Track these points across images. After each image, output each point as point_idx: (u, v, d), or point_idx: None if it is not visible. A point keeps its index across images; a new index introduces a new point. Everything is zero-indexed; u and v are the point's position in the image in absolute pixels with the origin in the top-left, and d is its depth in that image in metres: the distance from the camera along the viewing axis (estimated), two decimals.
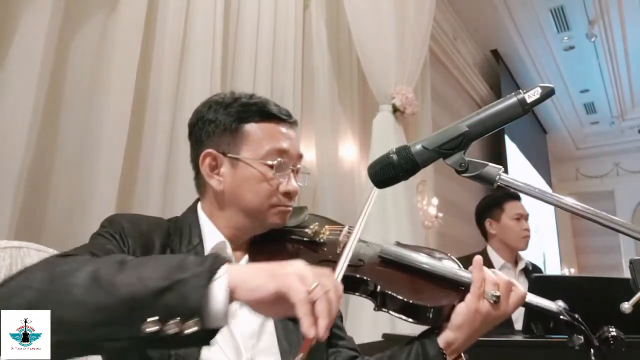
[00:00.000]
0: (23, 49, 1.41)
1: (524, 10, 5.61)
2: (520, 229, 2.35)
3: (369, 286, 0.90)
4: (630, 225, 0.66)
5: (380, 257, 0.96)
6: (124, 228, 0.87)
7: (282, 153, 0.95)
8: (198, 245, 0.92)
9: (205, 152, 0.95)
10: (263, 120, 0.96)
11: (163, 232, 0.92)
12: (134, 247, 0.85)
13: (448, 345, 0.86)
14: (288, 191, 0.96)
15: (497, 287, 0.85)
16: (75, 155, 1.59)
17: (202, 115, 0.98)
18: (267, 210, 0.95)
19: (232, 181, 0.94)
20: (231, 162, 0.95)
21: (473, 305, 0.84)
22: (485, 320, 0.85)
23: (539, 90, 0.73)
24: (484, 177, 0.74)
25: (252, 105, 0.96)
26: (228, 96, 1.00)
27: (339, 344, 1.02)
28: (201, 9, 2.06)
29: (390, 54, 2.88)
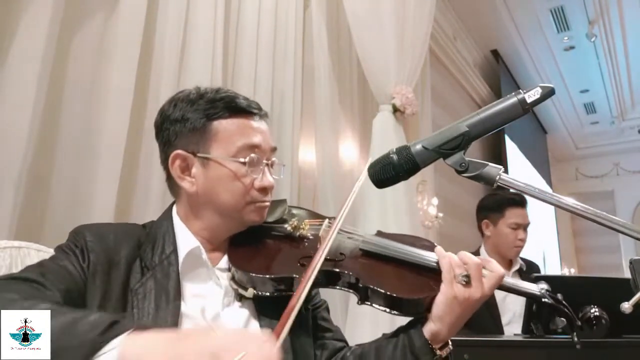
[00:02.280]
0: (23, 49, 1.41)
1: (524, 10, 5.61)
2: (514, 238, 2.29)
3: (350, 280, 0.89)
4: (630, 225, 0.66)
5: (362, 250, 0.94)
6: (87, 242, 0.84)
7: (254, 148, 0.92)
8: (171, 254, 0.89)
9: (175, 153, 0.92)
10: (232, 116, 0.93)
11: (133, 243, 0.88)
12: (95, 263, 0.82)
13: (433, 335, 0.86)
14: (264, 187, 0.93)
15: (465, 268, 0.84)
16: (75, 155, 1.59)
17: (168, 115, 0.95)
18: (244, 208, 0.92)
19: (205, 182, 0.91)
20: (202, 162, 0.91)
21: (448, 292, 0.84)
22: (464, 305, 0.84)
23: (539, 90, 0.73)
24: (484, 177, 0.74)
25: (219, 101, 0.93)
26: (193, 92, 0.96)
27: (325, 336, 1.01)
28: (201, 9, 2.06)
29: (390, 54, 2.88)
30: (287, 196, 2.36)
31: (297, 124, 2.57)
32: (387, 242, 0.95)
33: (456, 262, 0.85)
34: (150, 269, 0.86)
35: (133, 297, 0.82)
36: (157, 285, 0.84)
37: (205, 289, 0.90)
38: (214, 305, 0.88)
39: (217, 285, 0.91)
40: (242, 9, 2.37)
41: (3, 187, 1.33)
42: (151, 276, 0.85)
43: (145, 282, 0.84)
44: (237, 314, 0.90)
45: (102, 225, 0.92)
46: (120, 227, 0.93)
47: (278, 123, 2.45)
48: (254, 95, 2.31)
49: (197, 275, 0.90)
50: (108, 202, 1.58)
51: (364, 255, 0.94)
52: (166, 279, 0.85)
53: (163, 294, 0.83)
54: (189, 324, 0.84)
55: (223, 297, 0.90)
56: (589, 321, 0.89)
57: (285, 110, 2.50)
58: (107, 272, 0.83)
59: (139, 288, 0.83)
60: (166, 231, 0.93)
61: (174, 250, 0.90)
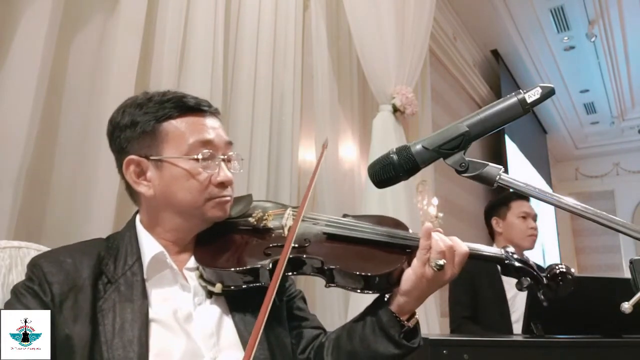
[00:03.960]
0: (23, 49, 1.41)
1: (524, 10, 5.61)
2: (525, 227, 2.34)
3: (315, 264, 0.90)
4: (630, 225, 0.66)
5: (325, 234, 0.95)
6: (45, 274, 0.82)
7: (207, 144, 0.91)
8: (135, 263, 0.88)
9: (128, 159, 0.91)
10: (181, 115, 0.92)
11: (93, 261, 0.86)
12: (59, 293, 0.80)
13: (400, 308, 0.88)
14: (221, 181, 0.92)
15: (443, 255, 0.86)
16: (75, 155, 1.59)
17: (117, 122, 0.94)
18: (203, 205, 0.91)
19: (161, 183, 0.91)
20: (156, 165, 0.91)
21: (419, 270, 0.86)
22: (433, 283, 0.87)
23: (539, 90, 0.73)
24: (484, 177, 0.74)
25: (166, 102, 0.92)
26: (140, 97, 0.96)
27: (301, 325, 1.02)
28: (201, 9, 2.06)
29: (390, 54, 2.88)
30: (287, 196, 2.37)
31: (297, 124, 2.57)
32: (350, 222, 0.97)
33: (437, 247, 0.87)
34: (113, 282, 0.85)
35: (98, 315, 0.81)
36: (120, 297, 0.83)
37: (173, 291, 0.90)
38: (185, 306, 0.88)
39: (185, 287, 0.91)
40: (242, 9, 2.37)
41: (3, 187, 1.33)
42: (114, 290, 0.84)
43: (109, 296, 0.83)
44: (209, 312, 0.90)
45: (57, 252, 0.90)
46: (77, 248, 0.92)
47: (278, 123, 2.45)
48: (254, 95, 2.31)
49: (163, 279, 0.90)
50: (108, 202, 1.58)
51: (328, 238, 0.95)
52: (130, 290, 0.85)
53: (128, 305, 0.83)
54: (160, 328, 0.84)
55: (193, 296, 0.90)
56: (555, 278, 0.90)
57: (285, 110, 2.50)
58: (74, 299, 0.81)
59: (103, 304, 0.83)
60: (128, 242, 0.92)
61: (138, 258, 0.89)
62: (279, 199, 2.35)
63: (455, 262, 0.88)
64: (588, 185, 9.71)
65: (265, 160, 2.28)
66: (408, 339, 0.88)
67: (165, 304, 0.87)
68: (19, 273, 0.93)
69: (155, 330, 0.83)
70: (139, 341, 0.79)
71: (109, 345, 0.78)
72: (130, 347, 0.78)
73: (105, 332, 0.80)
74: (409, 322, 0.89)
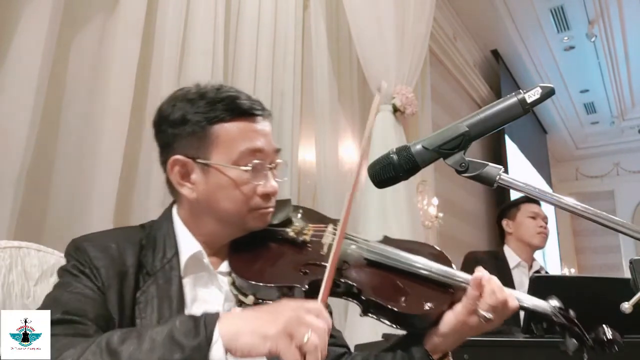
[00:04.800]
0: (23, 49, 1.41)
1: (524, 10, 5.60)
2: (535, 226, 2.39)
3: (352, 290, 0.86)
4: (630, 225, 0.66)
5: (366, 259, 0.91)
6: (92, 259, 0.81)
7: (257, 152, 0.88)
8: (173, 258, 0.86)
9: (174, 158, 0.88)
10: (234, 119, 0.88)
11: (135, 248, 0.85)
12: (107, 278, 0.80)
13: (434, 347, 0.85)
14: (267, 193, 0.90)
15: (493, 310, 0.81)
16: (75, 155, 1.59)
17: (167, 115, 0.90)
18: (246, 215, 0.89)
19: (205, 189, 0.88)
20: (202, 169, 0.87)
21: (463, 318, 0.82)
22: (474, 331, 0.83)
23: (539, 90, 0.73)
24: (484, 177, 0.74)
25: (220, 102, 0.88)
26: (193, 91, 0.91)
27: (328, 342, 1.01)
28: (201, 8, 2.06)
29: (390, 54, 2.88)
30: (287, 196, 2.36)
31: (297, 124, 2.57)
32: (394, 251, 0.92)
33: (487, 299, 0.81)
34: (152, 275, 0.84)
35: (136, 306, 0.80)
36: (159, 292, 0.82)
37: (208, 293, 0.89)
38: (215, 310, 0.87)
39: (219, 290, 0.89)
40: (242, 9, 2.37)
41: (3, 187, 1.33)
42: (153, 282, 0.83)
43: (147, 289, 0.82)
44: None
45: (101, 236, 0.89)
46: (120, 234, 0.90)
47: (278, 123, 2.45)
48: (254, 95, 2.30)
49: (199, 280, 0.89)
50: (108, 202, 1.58)
51: (368, 264, 0.90)
52: (168, 285, 0.83)
53: (166, 300, 0.82)
54: None
55: (224, 302, 0.88)
56: (601, 343, 0.87)
57: (285, 110, 2.50)
58: (119, 284, 0.81)
59: (141, 296, 0.81)
60: (167, 233, 0.89)
61: (176, 253, 0.87)
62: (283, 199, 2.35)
63: (502, 315, 0.83)
64: (588, 185, 9.70)
65: None
66: None
67: (197, 305, 0.86)
68: (19, 273, 0.93)
69: None
70: None
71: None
72: None
73: (143, 325, 0.78)
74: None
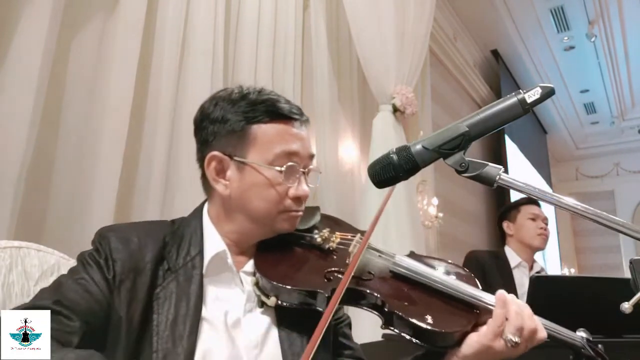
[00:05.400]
0: (23, 49, 1.41)
1: (524, 10, 5.61)
2: (535, 227, 2.40)
3: (376, 302, 0.86)
4: (630, 225, 0.66)
5: (392, 272, 0.91)
6: (112, 250, 0.83)
7: (293, 155, 0.90)
8: (196, 256, 0.87)
9: (211, 154, 0.90)
10: (272, 121, 0.90)
11: (158, 243, 0.87)
12: (121, 272, 0.82)
13: None
14: (298, 196, 0.91)
15: (520, 333, 0.79)
16: (75, 155, 1.59)
17: (208, 113, 0.93)
18: (276, 216, 0.90)
19: (240, 186, 0.90)
20: (238, 166, 0.90)
21: (487, 342, 0.80)
22: (498, 356, 0.81)
23: (539, 90, 0.73)
24: (484, 177, 0.74)
25: (260, 104, 0.90)
26: (235, 92, 0.94)
27: (344, 354, 0.99)
28: (201, 9, 2.06)
29: (390, 54, 2.88)
30: None
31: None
32: (421, 267, 0.91)
33: (514, 322, 0.79)
34: (174, 272, 0.85)
35: (154, 302, 0.81)
36: (178, 289, 0.83)
37: (229, 293, 0.89)
38: (235, 310, 0.87)
39: (241, 290, 0.90)
40: (242, 9, 2.37)
41: (3, 187, 1.33)
42: (173, 279, 0.84)
43: (167, 285, 0.83)
44: (258, 321, 0.88)
45: (126, 228, 0.91)
46: (145, 228, 0.91)
47: None
48: None
49: (221, 279, 0.89)
50: (108, 202, 1.58)
51: (393, 277, 0.91)
52: (188, 283, 0.84)
53: (184, 298, 0.83)
54: (209, 329, 0.83)
55: (245, 302, 0.89)
56: None
57: None
58: (132, 280, 0.82)
59: (160, 292, 0.82)
60: (194, 231, 0.91)
61: (200, 252, 0.88)
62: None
63: (529, 344, 0.81)
64: (588, 185, 9.71)
65: None
66: None
67: (218, 304, 0.86)
68: (19, 273, 0.93)
69: (205, 330, 0.82)
70: (189, 338, 0.79)
71: (160, 336, 0.78)
72: (180, 342, 0.78)
73: (159, 322, 0.80)
74: None
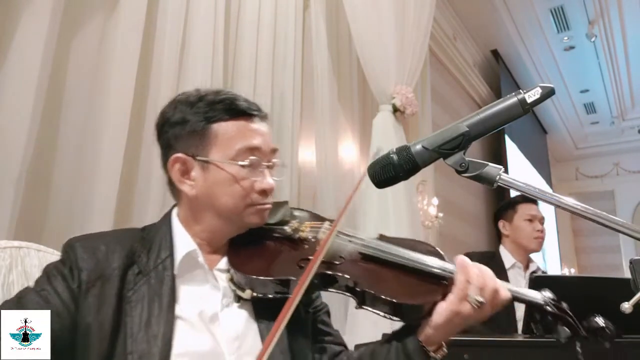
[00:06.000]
0: (23, 49, 1.41)
1: (524, 10, 5.61)
2: (532, 230, 2.37)
3: (348, 284, 0.88)
4: (630, 225, 0.66)
5: (361, 254, 0.94)
6: (77, 259, 0.84)
7: (254, 150, 0.92)
8: (167, 258, 0.88)
9: (174, 157, 0.92)
10: (232, 118, 0.92)
11: (126, 251, 0.88)
12: (87, 281, 0.82)
13: (428, 338, 0.86)
14: (264, 189, 0.93)
15: (482, 292, 0.82)
16: (75, 155, 1.59)
17: (168, 117, 0.94)
18: (244, 210, 0.92)
19: (205, 185, 0.91)
20: (201, 165, 0.92)
21: (455, 307, 0.82)
22: (466, 320, 0.83)
23: (539, 90, 0.73)
24: (484, 177, 0.74)
25: (218, 103, 0.93)
26: (193, 94, 0.96)
27: (324, 340, 1.01)
28: (201, 9, 2.06)
29: (390, 54, 2.88)
30: (287, 196, 2.36)
31: (297, 124, 2.57)
32: (389, 246, 0.94)
33: (476, 283, 0.82)
34: (145, 275, 0.86)
35: (126, 305, 0.82)
36: (150, 291, 0.84)
37: (203, 290, 0.90)
38: (212, 307, 0.88)
39: (215, 287, 0.91)
40: (242, 9, 2.37)
41: (3, 187, 1.33)
42: (145, 282, 0.85)
43: (139, 288, 0.84)
44: (236, 315, 0.90)
45: (94, 237, 0.92)
46: (113, 235, 0.93)
47: (278, 123, 2.45)
48: (254, 95, 2.31)
49: (194, 278, 0.90)
50: (108, 202, 1.58)
51: (363, 259, 0.93)
52: (160, 284, 0.85)
53: (156, 299, 0.83)
54: (186, 326, 0.84)
55: (222, 298, 0.90)
56: (593, 332, 0.87)
57: (285, 110, 2.50)
58: (100, 287, 0.82)
59: (132, 295, 0.83)
60: (163, 235, 0.92)
61: (171, 254, 0.89)
62: (279, 199, 2.34)
63: (494, 303, 0.83)
64: (588, 185, 9.71)
65: None
66: None
67: (193, 303, 0.87)
68: (19, 273, 0.93)
69: (181, 327, 0.83)
70: (164, 337, 0.80)
71: (134, 338, 0.79)
72: (154, 342, 0.79)
73: (132, 324, 0.80)
74: (436, 354, 0.86)
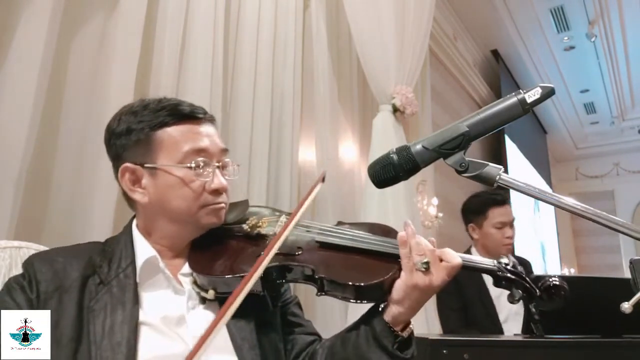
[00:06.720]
0: (23, 49, 1.41)
1: (524, 10, 5.61)
2: (501, 237, 2.33)
3: (306, 272, 0.90)
4: (630, 225, 0.66)
5: (318, 242, 0.96)
6: (36, 272, 0.84)
7: (201, 152, 0.93)
8: (128, 267, 0.89)
9: (123, 166, 0.93)
10: (176, 123, 0.93)
11: (84, 263, 0.89)
12: (45, 292, 0.83)
13: (394, 318, 0.87)
14: (215, 189, 0.93)
15: (424, 254, 0.86)
16: (76, 155, 1.59)
17: (113, 129, 0.95)
18: (197, 212, 0.93)
19: (155, 191, 0.92)
20: (150, 172, 0.92)
21: (408, 280, 0.86)
22: (424, 291, 0.86)
23: (539, 90, 0.73)
24: (484, 177, 0.74)
25: (162, 110, 0.93)
26: (137, 104, 0.97)
27: (295, 331, 1.02)
28: (201, 9, 2.06)
29: (390, 54, 2.88)
30: (287, 196, 2.37)
31: (297, 124, 2.57)
32: (343, 231, 0.97)
33: (416, 249, 0.87)
34: (106, 284, 0.86)
35: (89, 315, 0.82)
36: (112, 299, 0.85)
37: (166, 295, 0.91)
38: (177, 310, 0.89)
39: (179, 291, 0.92)
40: (242, 8, 2.37)
41: (3, 187, 1.33)
42: (107, 291, 0.85)
43: (101, 297, 0.85)
44: (202, 316, 0.90)
45: (52, 252, 0.92)
46: (72, 249, 0.94)
47: (278, 123, 2.45)
48: (254, 96, 2.31)
49: (156, 284, 0.91)
50: (108, 202, 1.58)
51: (320, 247, 0.95)
52: (122, 292, 0.86)
53: (119, 306, 0.84)
54: (152, 332, 0.84)
55: (187, 300, 0.91)
56: (547, 290, 0.90)
57: (285, 110, 2.50)
58: (58, 299, 0.83)
59: (95, 305, 0.84)
60: (124, 246, 0.93)
61: (132, 262, 0.90)
62: (280, 199, 2.35)
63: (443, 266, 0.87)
64: (588, 185, 9.71)
65: (266, 160, 2.29)
66: (402, 350, 0.87)
67: (157, 308, 0.88)
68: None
69: (146, 333, 0.84)
70: (128, 344, 0.80)
71: (98, 346, 0.79)
72: (118, 349, 0.79)
73: (95, 332, 0.81)
74: (403, 333, 0.88)
